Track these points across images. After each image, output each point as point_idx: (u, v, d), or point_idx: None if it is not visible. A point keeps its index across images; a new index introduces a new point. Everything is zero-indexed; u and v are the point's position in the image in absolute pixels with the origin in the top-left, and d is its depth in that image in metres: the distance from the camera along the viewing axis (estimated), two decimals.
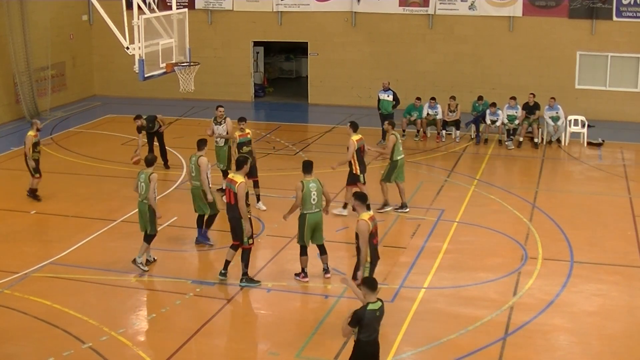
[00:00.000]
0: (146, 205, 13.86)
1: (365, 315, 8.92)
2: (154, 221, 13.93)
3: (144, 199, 13.88)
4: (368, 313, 8.94)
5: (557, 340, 11.82)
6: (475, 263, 14.53)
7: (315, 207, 13.32)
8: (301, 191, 13.25)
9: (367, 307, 8.97)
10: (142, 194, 13.90)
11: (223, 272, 13.58)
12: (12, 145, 22.63)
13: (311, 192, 13.25)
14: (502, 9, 26.46)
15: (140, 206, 14.00)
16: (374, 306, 9.01)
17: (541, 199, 18.20)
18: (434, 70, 27.37)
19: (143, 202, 13.92)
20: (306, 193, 13.22)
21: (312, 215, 13.30)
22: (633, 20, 25.39)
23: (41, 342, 11.58)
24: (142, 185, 13.90)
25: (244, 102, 28.94)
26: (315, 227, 13.42)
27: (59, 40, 28.05)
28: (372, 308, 8.99)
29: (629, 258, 14.83)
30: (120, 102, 28.91)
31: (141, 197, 13.94)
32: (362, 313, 8.93)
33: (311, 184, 13.27)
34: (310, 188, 13.24)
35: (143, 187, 13.89)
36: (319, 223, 13.43)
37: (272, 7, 28.44)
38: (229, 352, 11.54)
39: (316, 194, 13.30)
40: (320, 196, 13.38)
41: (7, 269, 14.07)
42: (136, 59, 15.32)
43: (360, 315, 8.93)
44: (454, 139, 23.46)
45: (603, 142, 23.07)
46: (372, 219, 11.66)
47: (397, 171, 17.05)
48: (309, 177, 13.43)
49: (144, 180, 13.88)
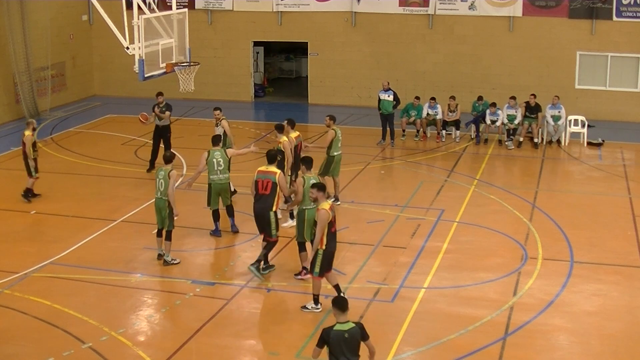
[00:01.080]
0: (165, 201, 14.06)
1: (331, 336, 8.45)
2: (172, 217, 14.14)
3: (163, 196, 14.07)
4: (334, 333, 8.46)
5: (557, 340, 11.82)
6: (475, 263, 14.53)
7: (314, 204, 13.30)
8: (302, 186, 13.38)
9: (334, 327, 8.52)
10: (162, 190, 14.09)
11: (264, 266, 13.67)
12: (12, 145, 22.62)
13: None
14: (502, 9, 26.47)
15: (159, 203, 14.16)
16: (341, 327, 8.52)
17: (541, 199, 18.20)
18: (433, 70, 27.37)
19: (162, 198, 14.11)
20: (307, 189, 13.29)
21: (311, 211, 13.35)
22: (633, 20, 25.39)
23: (41, 342, 11.58)
24: (162, 181, 14.11)
25: (244, 102, 28.94)
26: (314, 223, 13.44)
27: (59, 40, 28.05)
28: (340, 329, 8.51)
29: (629, 258, 14.83)
30: (120, 102, 28.91)
31: (160, 193, 14.13)
32: (327, 333, 8.50)
33: (312, 181, 13.32)
34: (310, 184, 13.26)
35: (162, 184, 14.10)
36: None
37: (272, 7, 28.44)
38: (228, 352, 11.54)
39: None
40: None
41: (7, 269, 14.07)
42: (136, 59, 15.32)
43: (324, 335, 8.50)
44: (454, 139, 23.46)
45: (603, 142, 23.08)
46: (332, 208, 12.14)
47: (333, 166, 17.26)
48: (309, 173, 13.56)
49: (163, 177, 14.10)
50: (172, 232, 14.27)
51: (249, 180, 14.40)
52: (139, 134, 23.70)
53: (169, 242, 14.27)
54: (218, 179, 15.39)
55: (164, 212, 14.13)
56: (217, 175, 15.38)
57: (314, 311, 12.46)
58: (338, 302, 8.70)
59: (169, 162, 14.31)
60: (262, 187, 13.44)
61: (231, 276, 13.89)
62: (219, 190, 15.48)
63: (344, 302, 8.67)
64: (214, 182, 15.42)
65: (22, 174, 18.32)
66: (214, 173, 15.39)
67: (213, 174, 15.39)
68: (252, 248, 15.24)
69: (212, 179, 15.43)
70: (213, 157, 15.41)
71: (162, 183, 14.10)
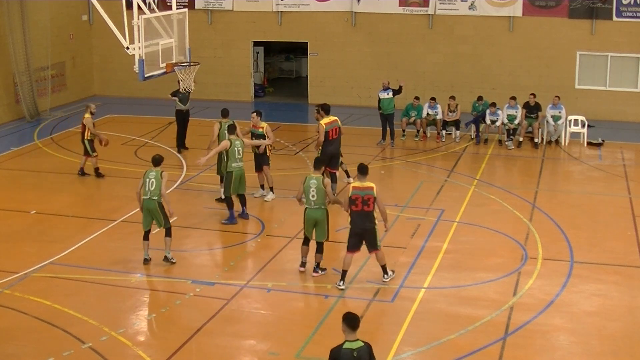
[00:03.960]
0: (155, 202, 14.05)
1: (341, 354, 8.18)
2: (165, 215, 14.19)
3: (153, 196, 14.04)
4: (343, 352, 8.17)
5: (557, 340, 11.82)
6: (475, 263, 14.53)
7: (314, 203, 13.44)
8: (302, 184, 13.61)
9: (343, 346, 8.22)
10: (152, 190, 14.04)
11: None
12: (12, 145, 22.63)
13: (310, 188, 13.44)
14: (502, 9, 26.46)
15: (149, 204, 14.11)
16: (351, 345, 8.21)
17: (541, 199, 18.20)
18: (433, 70, 27.37)
19: (152, 199, 14.07)
20: (306, 188, 13.50)
21: (311, 211, 13.51)
22: (633, 20, 25.39)
23: (41, 342, 11.57)
24: (152, 181, 14.07)
25: (244, 102, 28.94)
26: (315, 224, 13.55)
27: (59, 40, 28.05)
28: (349, 347, 8.20)
29: (629, 258, 14.82)
30: (120, 102, 28.91)
31: (150, 194, 14.06)
32: (337, 352, 8.21)
33: (312, 180, 13.45)
34: (310, 184, 13.44)
35: (153, 183, 14.06)
36: (319, 220, 13.52)
37: (272, 7, 28.44)
38: (229, 352, 11.54)
39: (316, 191, 13.42)
40: (321, 194, 13.45)
41: (7, 269, 14.06)
42: (136, 59, 15.33)
43: (334, 355, 8.21)
44: (454, 139, 23.46)
45: (603, 142, 23.07)
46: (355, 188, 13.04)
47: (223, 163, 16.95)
48: (315, 173, 13.71)
49: (154, 177, 14.08)
50: (171, 229, 14.29)
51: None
52: (139, 134, 23.70)
53: (169, 239, 14.28)
54: (238, 166, 16.07)
55: (156, 213, 14.09)
56: (237, 163, 16.06)
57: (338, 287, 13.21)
58: (349, 319, 8.31)
59: (158, 165, 14.28)
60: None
61: (231, 276, 13.89)
62: (239, 177, 16.06)
63: (356, 321, 8.32)
64: (235, 170, 16.03)
65: (23, 174, 18.34)
66: (234, 161, 16.02)
67: (234, 162, 16.03)
68: (252, 248, 15.25)
69: (234, 167, 16.02)
70: (234, 145, 15.98)
71: (152, 183, 14.04)
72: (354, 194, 12.93)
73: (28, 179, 19.66)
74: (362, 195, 12.89)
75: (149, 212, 14.14)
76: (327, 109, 17.38)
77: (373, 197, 12.89)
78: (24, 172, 18.61)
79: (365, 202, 12.88)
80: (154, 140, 23.20)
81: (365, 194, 12.89)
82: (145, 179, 14.16)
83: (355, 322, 8.29)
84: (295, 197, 14.17)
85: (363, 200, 12.88)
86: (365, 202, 12.88)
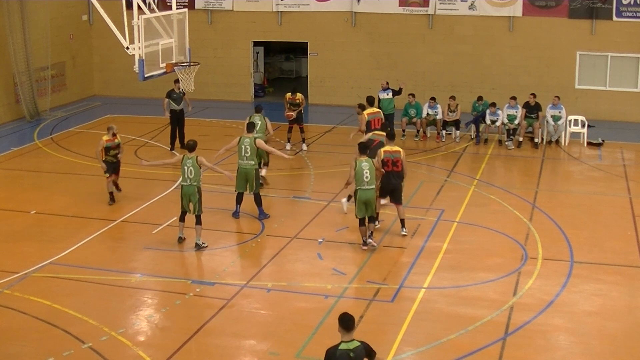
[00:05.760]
0: (195, 187, 14.76)
1: (337, 355, 8.17)
2: (201, 202, 14.86)
3: (193, 182, 14.75)
4: (339, 353, 8.17)
5: (557, 340, 11.82)
6: (475, 263, 14.53)
7: (367, 184, 14.63)
8: (353, 169, 14.71)
9: (339, 347, 8.22)
10: (191, 177, 14.74)
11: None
12: (12, 145, 22.64)
13: (363, 170, 14.61)
14: (502, 9, 26.46)
15: (189, 189, 14.80)
16: (346, 346, 8.22)
17: (541, 199, 18.20)
18: (433, 70, 27.37)
19: (192, 185, 14.77)
20: (358, 171, 14.63)
21: (363, 192, 14.63)
22: (633, 20, 25.38)
23: (41, 342, 11.58)
24: (191, 169, 14.74)
25: (244, 102, 28.93)
26: (366, 203, 14.67)
27: (59, 40, 28.04)
28: (345, 348, 8.21)
29: (629, 258, 14.82)
30: (120, 102, 28.90)
31: (190, 180, 14.76)
32: (333, 353, 8.20)
33: (364, 163, 14.65)
34: (362, 167, 14.63)
35: (192, 171, 14.74)
36: (370, 200, 14.70)
37: (272, 7, 28.44)
38: (229, 352, 11.54)
39: (369, 172, 14.62)
40: (373, 174, 14.68)
41: (7, 269, 14.07)
42: (136, 59, 15.33)
43: (329, 355, 8.20)
44: (454, 139, 23.46)
45: (603, 142, 23.07)
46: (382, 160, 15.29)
47: None
48: (362, 157, 14.80)
49: (192, 164, 14.74)
50: (201, 216, 14.87)
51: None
52: (138, 134, 23.70)
53: (199, 226, 14.88)
54: (243, 164, 16.34)
55: (194, 198, 14.77)
56: (243, 161, 16.34)
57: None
58: (344, 321, 8.27)
59: (192, 150, 14.93)
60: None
61: (231, 276, 13.89)
62: (245, 175, 16.31)
63: (351, 322, 8.27)
64: (240, 167, 16.37)
65: (23, 174, 18.35)
66: (241, 158, 16.38)
67: (240, 159, 16.39)
68: (252, 248, 15.26)
69: (240, 164, 16.40)
70: (242, 143, 16.38)
71: (191, 171, 14.72)
72: (385, 156, 15.24)
73: (28, 179, 19.66)
74: (392, 158, 15.21)
75: (187, 197, 14.80)
76: (371, 101, 18.89)
77: (400, 159, 15.20)
78: (24, 172, 18.61)
79: (395, 163, 15.22)
80: (154, 140, 23.19)
81: (394, 156, 15.23)
82: (183, 167, 14.83)
83: (350, 323, 8.27)
84: (347, 181, 15.24)
85: (393, 162, 15.20)
86: (395, 163, 15.22)
